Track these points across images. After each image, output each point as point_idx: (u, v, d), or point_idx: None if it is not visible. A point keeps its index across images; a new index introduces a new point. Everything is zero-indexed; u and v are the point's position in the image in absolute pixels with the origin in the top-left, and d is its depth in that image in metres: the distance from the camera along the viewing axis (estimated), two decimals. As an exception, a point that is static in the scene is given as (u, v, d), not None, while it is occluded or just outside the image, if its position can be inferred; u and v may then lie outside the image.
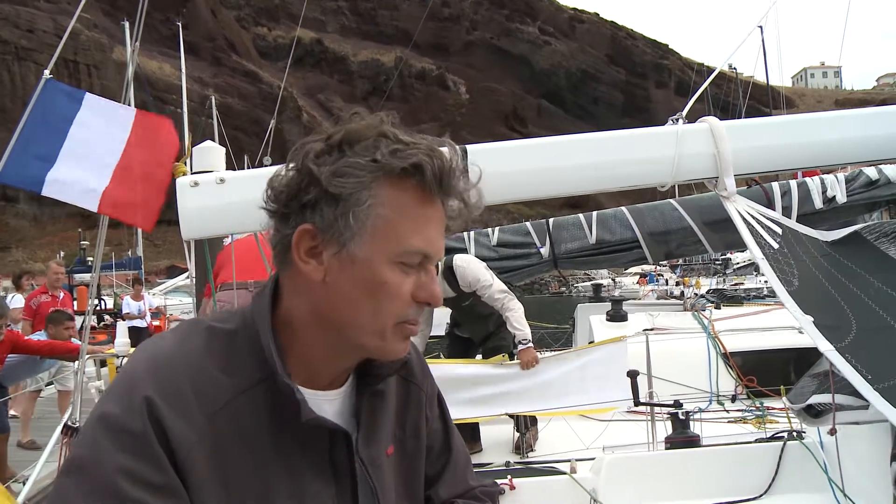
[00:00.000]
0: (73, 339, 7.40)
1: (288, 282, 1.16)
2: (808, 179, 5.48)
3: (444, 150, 1.12)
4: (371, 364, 1.23)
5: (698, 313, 6.56)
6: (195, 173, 2.91)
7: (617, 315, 6.95)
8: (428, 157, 1.09)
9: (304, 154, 1.10)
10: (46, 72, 3.01)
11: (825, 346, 1.83)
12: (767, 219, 2.41)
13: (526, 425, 4.50)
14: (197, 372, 1.06)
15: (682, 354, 5.56)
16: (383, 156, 1.08)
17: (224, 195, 2.23)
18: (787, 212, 5.16)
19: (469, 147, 2.28)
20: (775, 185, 5.46)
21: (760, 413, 4.75)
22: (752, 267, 35.51)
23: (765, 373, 5.29)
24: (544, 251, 5.77)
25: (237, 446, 1.06)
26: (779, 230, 2.38)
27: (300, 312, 1.14)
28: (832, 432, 2.22)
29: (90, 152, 2.99)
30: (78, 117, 3.01)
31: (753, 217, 2.35)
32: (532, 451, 4.38)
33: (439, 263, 4.86)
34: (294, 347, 1.14)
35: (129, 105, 3.78)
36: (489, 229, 5.99)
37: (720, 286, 23.76)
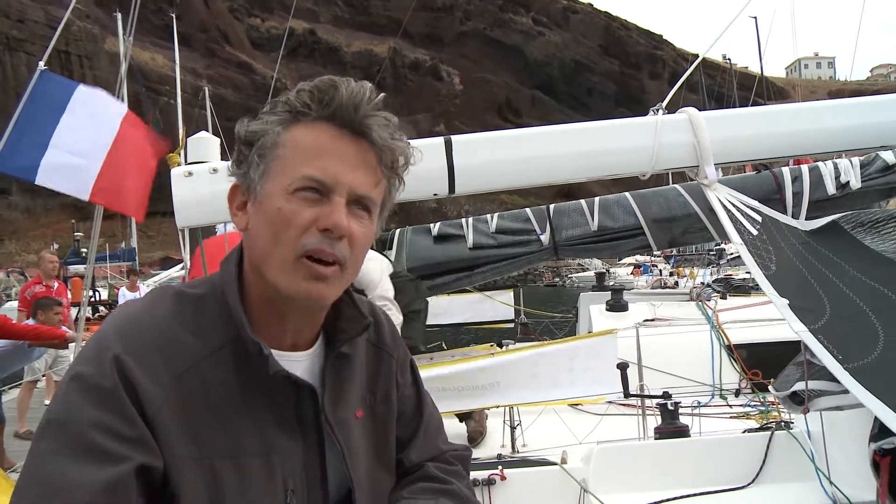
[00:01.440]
0: (63, 327, 7.38)
1: (242, 245, 1.22)
2: (820, 164, 5.29)
3: (354, 86, 1.14)
4: (336, 327, 1.28)
5: (703, 303, 6.39)
6: (189, 164, 2.94)
7: (617, 305, 6.71)
8: (328, 90, 1.13)
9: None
10: (41, 63, 3.01)
11: (799, 327, 1.87)
12: (749, 207, 2.45)
13: (462, 418, 4.49)
14: (164, 333, 1.10)
15: (685, 346, 5.36)
16: (290, 98, 1.15)
17: (217, 184, 2.27)
18: (798, 198, 4.94)
19: (453, 137, 2.30)
20: (786, 170, 5.26)
21: (764, 408, 4.64)
22: (746, 258, 35.51)
23: (771, 366, 4.99)
24: (544, 238, 5.63)
25: (205, 405, 1.09)
26: (759, 218, 2.41)
27: (247, 271, 1.20)
28: (805, 412, 2.25)
29: (81, 140, 3.00)
30: (70, 106, 3.02)
31: (734, 205, 2.39)
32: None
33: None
34: (253, 309, 1.18)
35: (122, 99, 3.79)
36: (488, 216, 5.89)
37: (714, 276, 23.72)
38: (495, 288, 6.99)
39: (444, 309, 6.03)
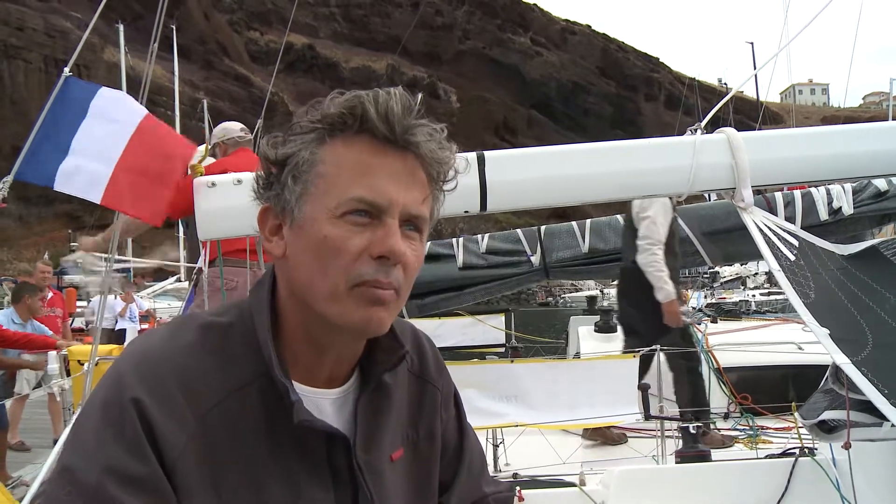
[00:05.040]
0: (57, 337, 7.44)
1: (276, 270, 1.12)
2: (813, 190, 5.30)
3: (392, 93, 1.04)
4: (371, 359, 1.16)
5: (693, 327, 6.36)
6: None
7: (606, 326, 6.63)
8: (367, 101, 1.03)
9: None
10: (66, 70, 2.96)
11: (841, 359, 1.82)
12: (784, 231, 2.40)
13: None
14: (187, 368, 1.01)
15: None
16: (325, 109, 1.05)
17: (241, 196, 2.20)
18: (790, 223, 5.00)
19: (486, 153, 2.27)
20: (778, 195, 5.28)
21: (753, 432, 4.60)
22: (739, 281, 35.57)
23: (760, 391, 5.01)
24: (535, 259, 5.58)
25: (229, 449, 1.00)
26: (795, 242, 2.37)
27: (282, 299, 1.09)
28: (846, 446, 2.19)
29: (100, 143, 2.94)
30: (91, 109, 2.97)
31: (770, 229, 2.34)
32: None
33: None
34: (287, 341, 1.08)
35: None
36: (478, 236, 5.82)
37: (708, 299, 23.68)
38: (486, 312, 6.94)
39: (434, 333, 5.98)
